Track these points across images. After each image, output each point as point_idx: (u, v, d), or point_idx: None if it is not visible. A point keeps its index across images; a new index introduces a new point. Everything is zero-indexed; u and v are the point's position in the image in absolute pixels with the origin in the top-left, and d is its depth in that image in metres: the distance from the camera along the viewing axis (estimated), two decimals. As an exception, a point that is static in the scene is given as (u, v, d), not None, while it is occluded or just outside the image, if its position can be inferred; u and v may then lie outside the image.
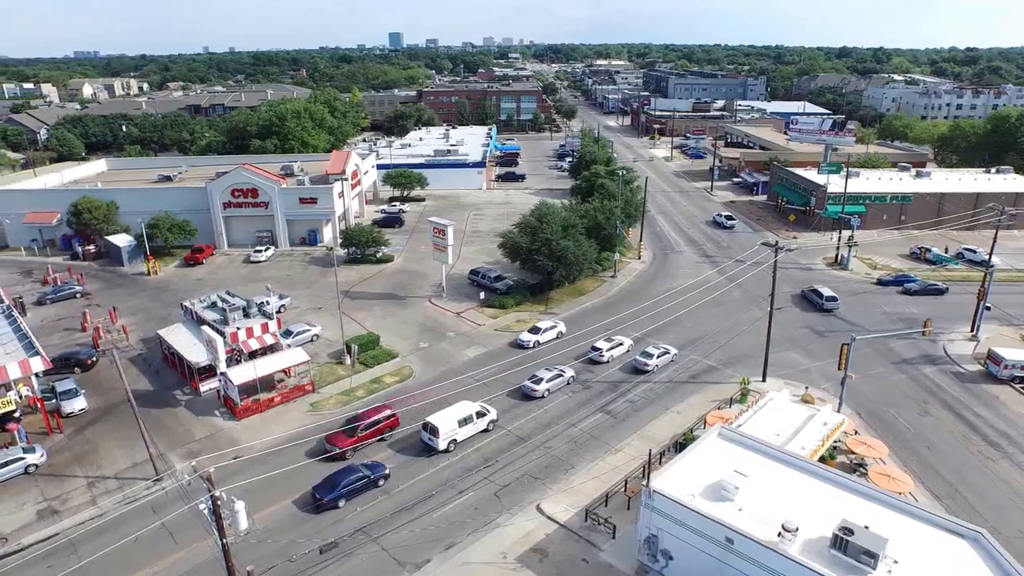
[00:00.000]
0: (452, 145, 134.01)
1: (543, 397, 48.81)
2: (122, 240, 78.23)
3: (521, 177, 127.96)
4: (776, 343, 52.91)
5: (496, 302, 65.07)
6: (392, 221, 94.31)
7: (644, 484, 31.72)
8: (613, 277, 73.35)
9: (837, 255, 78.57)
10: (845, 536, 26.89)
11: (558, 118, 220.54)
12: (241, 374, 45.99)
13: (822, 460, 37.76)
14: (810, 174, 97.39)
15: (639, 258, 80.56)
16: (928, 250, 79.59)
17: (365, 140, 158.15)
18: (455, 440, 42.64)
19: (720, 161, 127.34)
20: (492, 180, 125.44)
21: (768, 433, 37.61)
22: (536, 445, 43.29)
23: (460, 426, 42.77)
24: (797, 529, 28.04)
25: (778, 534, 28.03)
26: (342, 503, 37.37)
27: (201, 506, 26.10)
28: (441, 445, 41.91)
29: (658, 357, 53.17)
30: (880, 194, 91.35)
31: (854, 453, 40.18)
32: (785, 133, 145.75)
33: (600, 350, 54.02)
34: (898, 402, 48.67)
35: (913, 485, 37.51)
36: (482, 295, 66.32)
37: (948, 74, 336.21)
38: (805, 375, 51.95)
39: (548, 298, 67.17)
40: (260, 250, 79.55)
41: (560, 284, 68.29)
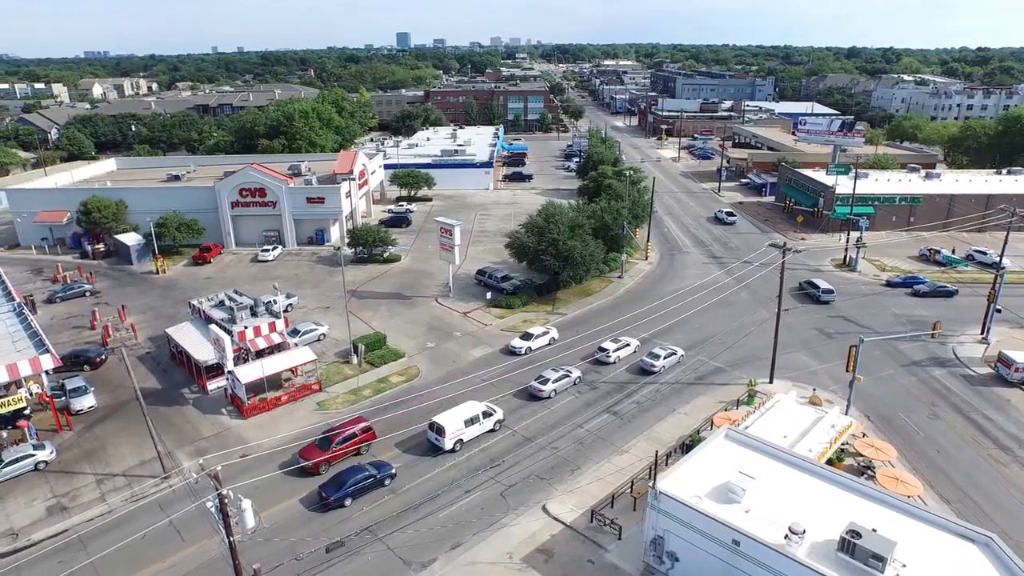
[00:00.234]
0: (459, 145, 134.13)
1: (549, 397, 48.77)
2: (131, 239, 78.69)
3: (528, 177, 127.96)
4: (784, 345, 52.67)
5: (503, 302, 65.07)
6: (399, 221, 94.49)
7: (650, 485, 31.63)
8: (620, 278, 73.23)
9: (846, 256, 78.17)
10: (853, 539, 26.72)
11: (565, 118, 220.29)
12: (248, 373, 46.16)
13: (830, 462, 37.57)
14: (818, 175, 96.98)
15: (646, 259, 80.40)
16: (938, 252, 79.07)
17: (372, 140, 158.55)
18: (461, 440, 42.66)
19: (728, 162, 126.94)
20: (499, 180, 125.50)
21: (775, 435, 37.44)
22: (542, 446, 43.26)
23: (466, 426, 42.79)
24: (804, 532, 27.90)
25: (785, 536, 27.90)
26: (348, 502, 37.45)
27: (208, 504, 26.23)
28: (447, 445, 41.94)
29: (665, 358, 53.05)
30: (889, 195, 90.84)
31: (862, 456, 39.93)
32: (793, 134, 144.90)
33: (607, 351, 53.94)
34: (907, 405, 48.36)
35: (922, 488, 37.22)
36: (489, 295, 66.34)
37: (959, 74, 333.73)
38: (813, 377, 51.70)
39: (555, 298, 67.12)
40: (268, 249, 79.86)
41: (567, 284, 68.24)
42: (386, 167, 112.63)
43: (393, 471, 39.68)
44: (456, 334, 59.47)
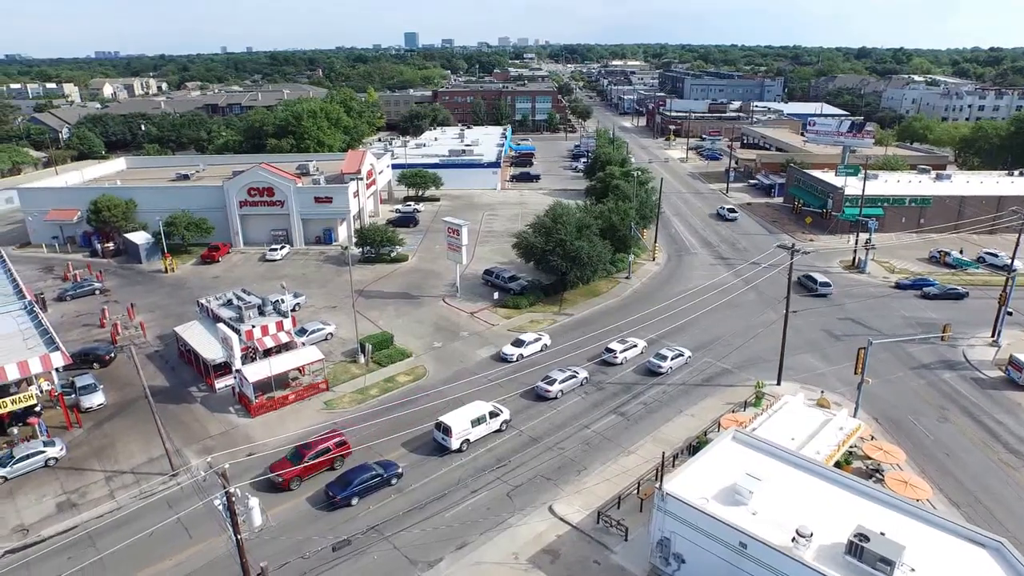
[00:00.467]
0: (467, 145, 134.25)
1: (556, 398, 48.71)
2: (140, 238, 79.20)
3: (536, 177, 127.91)
4: (792, 346, 52.44)
5: (510, 302, 65.07)
6: (407, 221, 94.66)
7: (657, 487, 31.55)
8: (627, 279, 73.08)
9: (854, 258, 77.71)
10: (861, 542, 26.54)
11: (573, 118, 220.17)
12: (256, 372, 46.35)
13: (838, 465, 37.30)
14: (827, 176, 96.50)
15: (654, 259, 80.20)
16: (948, 254, 78.52)
17: (380, 140, 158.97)
18: (468, 440, 42.67)
19: (736, 163, 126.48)
20: (507, 180, 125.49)
21: (783, 437, 37.24)
22: (549, 446, 43.22)
23: (473, 426, 42.80)
24: (812, 534, 27.74)
25: (792, 539, 27.76)
26: (355, 501, 37.52)
27: (216, 502, 26.34)
28: (454, 445, 41.96)
29: (672, 359, 52.89)
30: (899, 197, 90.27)
31: (870, 459, 39.70)
32: (802, 135, 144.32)
33: (614, 352, 53.84)
34: (916, 408, 48.02)
35: (931, 492, 36.91)
36: (496, 295, 66.35)
37: (970, 75, 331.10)
38: (821, 379, 51.41)
39: (562, 299, 67.05)
40: (275, 248, 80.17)
41: (574, 285, 68.12)
42: (394, 167, 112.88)
43: (400, 470, 39.74)
44: (463, 334, 59.51)
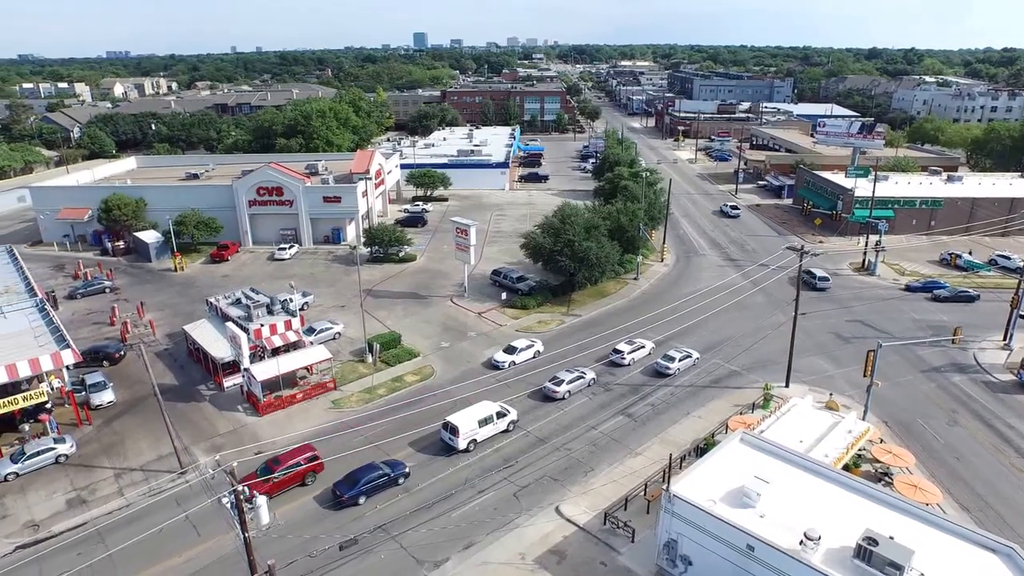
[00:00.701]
0: (475, 145, 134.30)
1: (564, 399, 48.67)
2: (150, 236, 79.73)
3: (544, 178, 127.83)
4: (800, 348, 52.19)
5: (518, 303, 65.05)
6: (415, 220, 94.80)
7: (664, 488, 31.47)
8: (636, 279, 72.93)
9: (864, 260, 77.23)
10: (869, 546, 26.39)
11: (582, 119, 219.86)
12: (264, 370, 46.57)
13: (846, 468, 37.11)
14: (837, 178, 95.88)
15: (662, 261, 80.00)
16: (959, 256, 77.90)
17: (389, 140, 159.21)
18: (475, 440, 42.70)
19: (745, 164, 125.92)
20: (515, 180, 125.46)
21: (791, 440, 37.07)
22: (556, 447, 43.19)
23: (480, 426, 42.83)
24: (820, 538, 27.61)
25: (800, 542, 27.63)
26: (362, 500, 37.63)
27: (224, 500, 26.49)
28: (461, 445, 42.01)
29: (680, 361, 52.76)
30: (909, 198, 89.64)
31: (879, 462, 39.47)
32: (812, 136, 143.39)
33: (621, 353, 53.74)
34: (926, 411, 47.68)
35: (941, 496, 36.68)
36: (504, 295, 66.35)
37: (983, 76, 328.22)
38: (830, 381, 51.14)
39: (570, 299, 66.99)
40: (284, 248, 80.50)
41: (582, 286, 68.02)
42: (402, 167, 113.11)
43: (407, 470, 39.81)
44: (471, 334, 59.56)
